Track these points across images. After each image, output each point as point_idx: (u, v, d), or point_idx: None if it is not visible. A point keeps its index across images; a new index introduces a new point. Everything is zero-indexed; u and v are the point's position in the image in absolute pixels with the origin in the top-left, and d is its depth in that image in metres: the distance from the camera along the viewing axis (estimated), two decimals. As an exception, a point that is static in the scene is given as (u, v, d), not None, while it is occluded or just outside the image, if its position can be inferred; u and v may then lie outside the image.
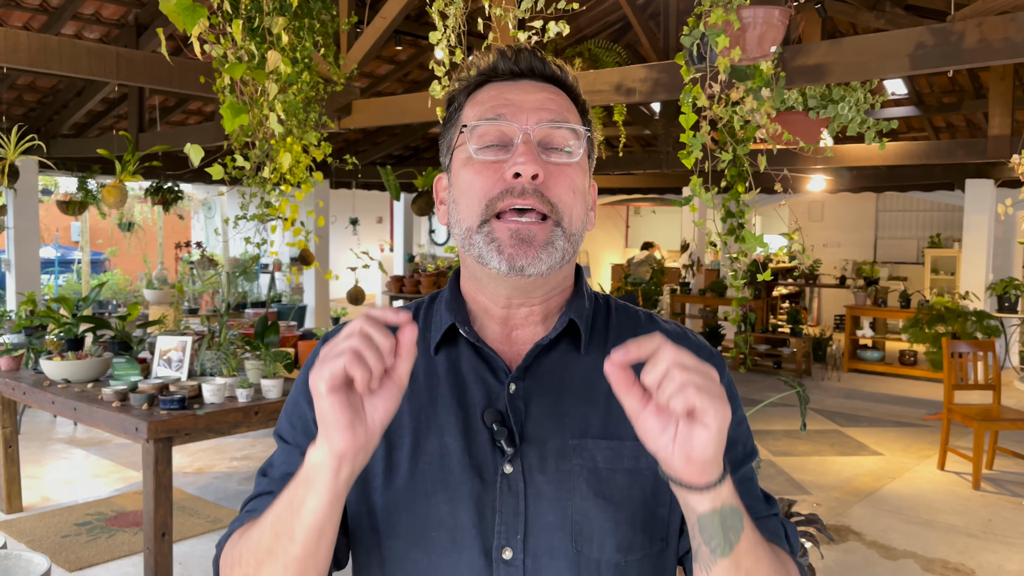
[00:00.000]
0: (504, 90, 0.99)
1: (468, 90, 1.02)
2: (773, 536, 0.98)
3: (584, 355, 1.01)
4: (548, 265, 0.95)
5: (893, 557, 4.19)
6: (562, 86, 1.02)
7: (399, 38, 6.99)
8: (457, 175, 0.99)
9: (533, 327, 1.02)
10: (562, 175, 0.96)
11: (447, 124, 1.04)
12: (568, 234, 0.96)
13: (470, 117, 0.99)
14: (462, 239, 0.97)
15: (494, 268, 0.94)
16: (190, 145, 3.00)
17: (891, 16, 6.13)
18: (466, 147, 0.97)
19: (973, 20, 2.85)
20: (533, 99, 0.97)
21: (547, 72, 1.01)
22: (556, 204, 0.94)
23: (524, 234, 0.93)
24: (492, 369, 1.00)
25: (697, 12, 2.87)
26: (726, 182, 3.68)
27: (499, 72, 1.00)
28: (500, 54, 1.01)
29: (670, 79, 3.51)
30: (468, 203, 0.96)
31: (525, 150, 0.93)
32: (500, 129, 0.96)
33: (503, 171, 0.94)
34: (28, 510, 4.70)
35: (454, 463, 0.96)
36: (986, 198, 9.07)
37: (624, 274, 10.86)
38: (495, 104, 0.97)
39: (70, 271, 12.91)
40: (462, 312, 1.03)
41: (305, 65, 3.45)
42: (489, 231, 0.94)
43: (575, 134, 0.97)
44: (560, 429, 0.97)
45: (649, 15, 7.63)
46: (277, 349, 4.13)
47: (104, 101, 7.48)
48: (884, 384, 8.92)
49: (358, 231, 12.85)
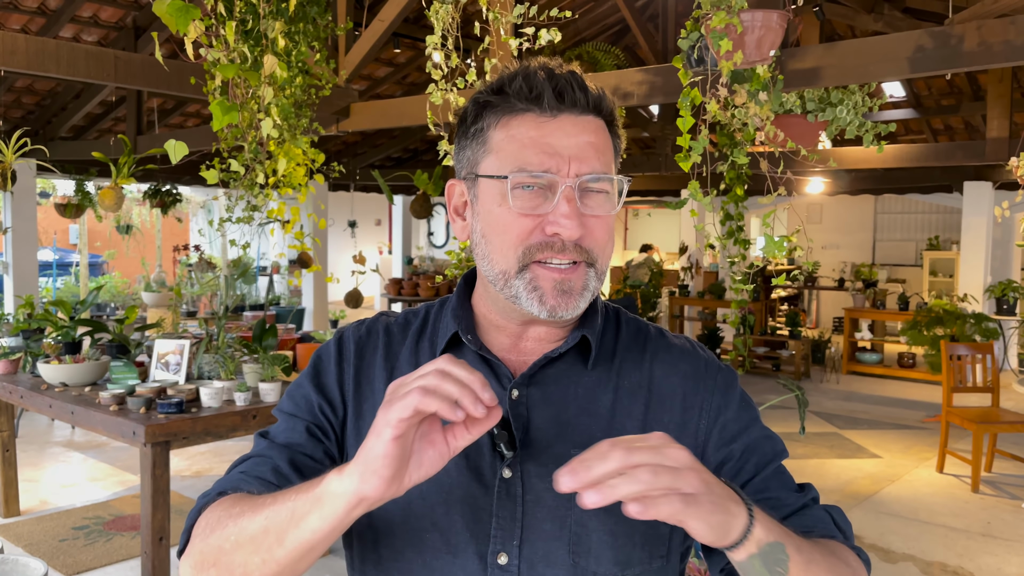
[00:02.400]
0: (543, 130, 0.94)
1: (501, 111, 0.96)
2: (821, 526, 0.95)
3: (590, 370, 1.01)
4: (583, 307, 0.96)
5: (892, 560, 4.19)
6: (602, 114, 0.98)
7: (397, 41, 6.99)
8: (488, 210, 0.96)
9: (544, 343, 1.02)
10: (599, 225, 0.95)
11: (471, 137, 0.99)
12: (599, 272, 0.97)
13: (506, 151, 0.95)
14: (494, 278, 0.96)
15: (532, 312, 0.95)
16: (172, 142, 2.99)
17: (889, 19, 6.13)
18: (500, 183, 0.94)
19: (973, 23, 2.85)
20: (575, 143, 0.94)
21: (590, 104, 0.96)
22: (591, 250, 0.95)
23: (566, 285, 0.94)
24: (496, 375, 1.00)
25: (695, 15, 2.87)
26: (724, 184, 3.68)
27: (541, 104, 0.94)
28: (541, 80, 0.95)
29: (667, 82, 3.50)
30: (502, 246, 0.95)
31: (569, 211, 0.92)
32: (541, 179, 0.93)
33: (542, 221, 0.93)
34: (25, 514, 4.69)
35: (451, 465, 0.94)
36: (984, 200, 9.08)
37: (623, 276, 10.86)
38: (537, 151, 0.93)
39: (68, 274, 12.90)
40: (467, 321, 1.03)
41: (299, 69, 3.45)
42: (532, 279, 0.94)
43: (614, 181, 0.97)
44: (563, 438, 0.97)
45: (648, 18, 7.63)
46: (275, 352, 4.12)
47: (102, 104, 7.47)
48: (883, 386, 8.92)
49: (356, 233, 12.84)
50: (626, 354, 1.04)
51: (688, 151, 2.82)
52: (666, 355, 1.05)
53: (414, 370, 0.99)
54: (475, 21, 2.73)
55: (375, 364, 1.04)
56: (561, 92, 0.94)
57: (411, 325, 1.08)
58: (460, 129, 1.01)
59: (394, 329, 1.08)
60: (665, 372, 1.03)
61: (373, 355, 1.05)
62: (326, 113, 4.50)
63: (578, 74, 0.96)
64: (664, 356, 1.05)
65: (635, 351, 1.04)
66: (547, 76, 0.95)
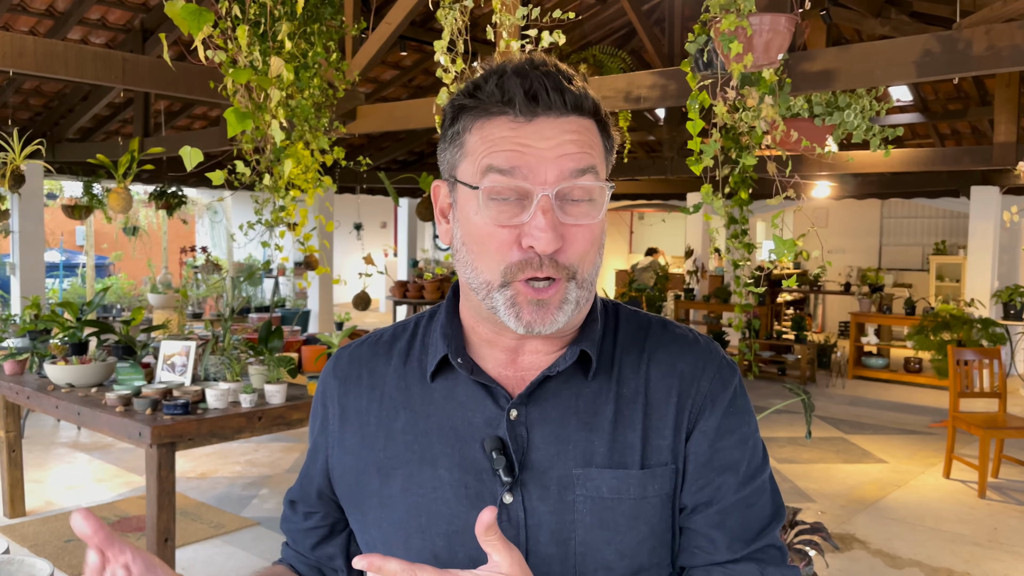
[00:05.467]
0: (518, 131, 0.88)
1: (476, 113, 0.91)
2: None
3: (591, 380, 0.97)
4: (564, 321, 0.91)
5: (898, 566, 4.17)
6: (584, 113, 0.92)
7: (404, 44, 7.00)
8: (466, 217, 0.92)
9: (541, 355, 0.98)
10: (581, 234, 0.90)
11: (449, 140, 0.95)
12: (580, 283, 0.91)
13: (478, 152, 0.90)
14: (477, 287, 0.92)
15: (510, 326, 0.91)
16: (188, 149, 3.00)
17: (896, 23, 6.12)
18: (476, 193, 0.89)
19: (981, 27, 2.84)
20: (553, 144, 0.88)
21: (568, 105, 0.90)
22: (570, 265, 0.89)
23: (542, 303, 0.89)
24: (492, 395, 0.96)
25: (704, 19, 2.87)
26: (729, 188, 3.68)
27: (515, 105, 0.88)
28: (517, 82, 0.88)
29: (678, 86, 3.50)
30: (484, 260, 0.90)
31: (545, 224, 0.86)
32: (515, 185, 0.87)
33: (519, 233, 0.88)
34: (31, 514, 4.70)
35: (450, 495, 0.93)
36: (991, 205, 9.05)
37: (628, 280, 10.85)
38: (508, 151, 0.88)
39: (75, 275, 12.94)
40: (457, 340, 0.98)
41: (316, 70, 3.46)
42: (513, 295, 0.89)
43: (598, 183, 0.90)
44: (563, 457, 0.93)
45: (654, 21, 7.63)
46: (281, 354, 4.12)
47: (110, 106, 7.50)
48: (889, 391, 8.89)
49: (362, 236, 12.86)
50: (624, 357, 0.99)
51: (699, 154, 2.82)
52: (664, 353, 0.99)
53: (404, 393, 1.00)
54: (483, 24, 2.73)
55: (361, 396, 1.02)
56: (535, 95, 0.88)
57: (398, 342, 1.04)
58: (442, 131, 0.98)
59: (379, 350, 1.05)
60: (661, 373, 0.98)
61: (358, 386, 1.03)
62: (335, 115, 4.51)
63: (555, 74, 0.89)
64: (662, 355, 0.99)
65: (633, 352, 0.99)
66: (520, 78, 0.88)
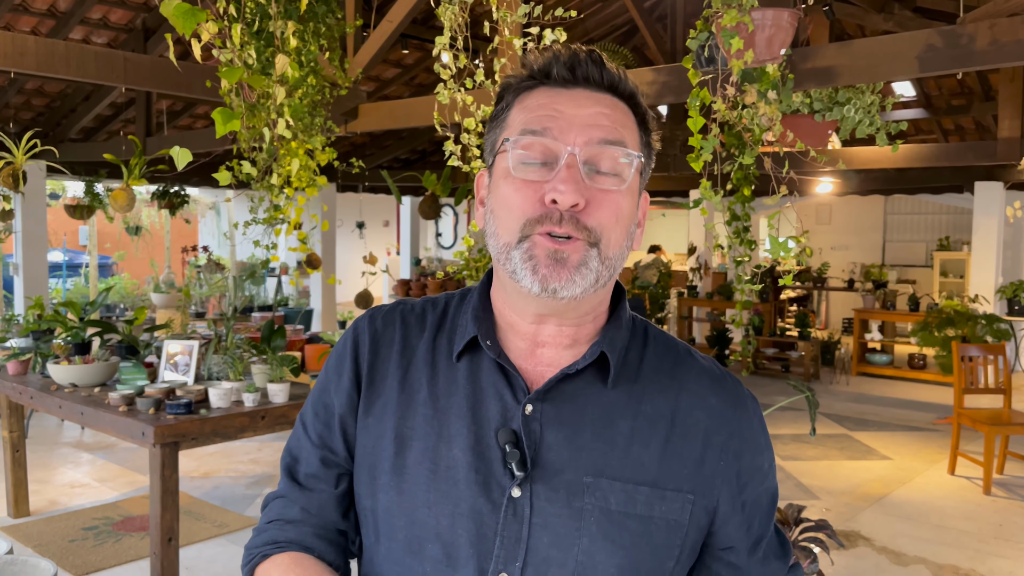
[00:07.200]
0: (554, 99, 0.92)
1: (518, 89, 0.95)
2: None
3: (610, 389, 0.96)
4: (582, 288, 0.90)
5: (903, 563, 4.16)
6: (621, 95, 0.94)
7: (406, 42, 6.99)
8: (496, 185, 0.94)
9: (560, 349, 0.98)
10: (606, 200, 0.90)
11: (493, 121, 0.98)
12: (604, 257, 0.90)
13: (516, 122, 0.93)
14: (498, 252, 0.93)
15: (526, 287, 0.90)
16: (177, 149, 2.98)
17: (899, 18, 6.10)
18: (507, 156, 0.92)
19: (984, 22, 2.83)
20: (585, 113, 0.91)
21: (604, 81, 0.93)
22: (593, 228, 0.89)
23: (560, 255, 0.88)
24: (511, 386, 0.96)
25: (706, 14, 2.86)
26: (732, 185, 3.67)
27: (552, 77, 0.93)
28: (555, 57, 0.93)
29: (678, 82, 3.49)
30: (506, 219, 0.91)
31: (567, 176, 0.87)
32: (545, 144, 0.90)
33: (543, 191, 0.89)
34: (35, 514, 4.70)
35: (460, 477, 0.93)
36: (995, 201, 9.02)
37: (631, 277, 10.83)
38: (542, 114, 0.91)
39: (78, 275, 12.96)
40: (487, 323, 0.99)
41: (311, 69, 3.44)
42: (529, 247, 0.89)
43: (627, 154, 0.91)
44: (575, 463, 0.93)
45: (656, 18, 7.61)
46: (284, 353, 4.12)
47: (112, 106, 7.50)
48: (893, 388, 8.88)
49: (365, 235, 12.86)
50: (653, 376, 0.98)
51: (699, 151, 2.81)
52: (695, 384, 0.99)
53: (430, 367, 0.99)
54: (484, 21, 2.73)
55: (390, 359, 1.01)
56: (572, 66, 0.92)
57: (428, 316, 1.04)
58: (490, 118, 1.00)
59: (411, 320, 1.04)
60: (692, 403, 0.97)
61: (389, 349, 1.02)
62: (335, 114, 4.50)
63: (596, 53, 0.93)
64: (693, 385, 0.99)
65: (663, 375, 0.99)
66: (563, 52, 0.93)
